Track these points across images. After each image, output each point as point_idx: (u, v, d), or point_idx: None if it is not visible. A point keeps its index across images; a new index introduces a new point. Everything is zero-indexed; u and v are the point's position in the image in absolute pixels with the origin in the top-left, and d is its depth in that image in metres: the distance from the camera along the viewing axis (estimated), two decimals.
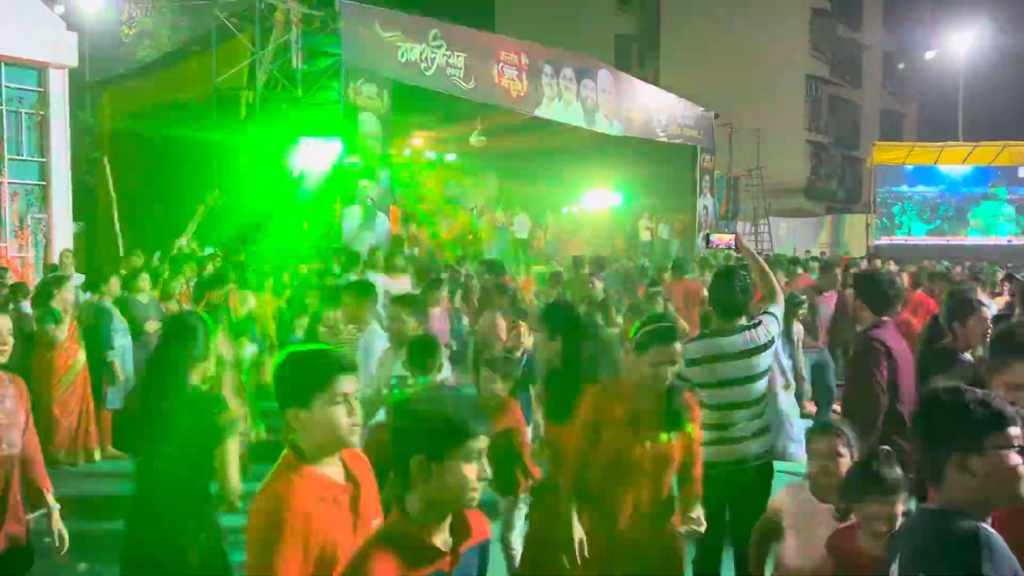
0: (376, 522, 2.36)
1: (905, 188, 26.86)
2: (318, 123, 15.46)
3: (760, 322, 4.14)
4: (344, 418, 2.31)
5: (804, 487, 3.30)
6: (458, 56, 15.58)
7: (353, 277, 9.52)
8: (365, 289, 5.64)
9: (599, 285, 8.92)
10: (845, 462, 3.16)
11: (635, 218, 23.41)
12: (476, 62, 15.94)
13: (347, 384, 2.34)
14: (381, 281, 10.48)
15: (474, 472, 2.09)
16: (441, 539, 2.11)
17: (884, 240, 25.88)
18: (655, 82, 26.84)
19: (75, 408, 7.55)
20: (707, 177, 24.10)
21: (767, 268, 4.42)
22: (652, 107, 21.57)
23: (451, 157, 21.86)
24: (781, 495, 3.43)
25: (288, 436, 2.42)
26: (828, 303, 9.21)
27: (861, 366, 4.15)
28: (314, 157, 14.28)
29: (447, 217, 21.25)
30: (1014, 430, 1.93)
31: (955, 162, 26.63)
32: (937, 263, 17.65)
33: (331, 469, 2.35)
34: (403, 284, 9.91)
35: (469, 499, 2.10)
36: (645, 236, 23.11)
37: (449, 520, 2.13)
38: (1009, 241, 25.67)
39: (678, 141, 22.59)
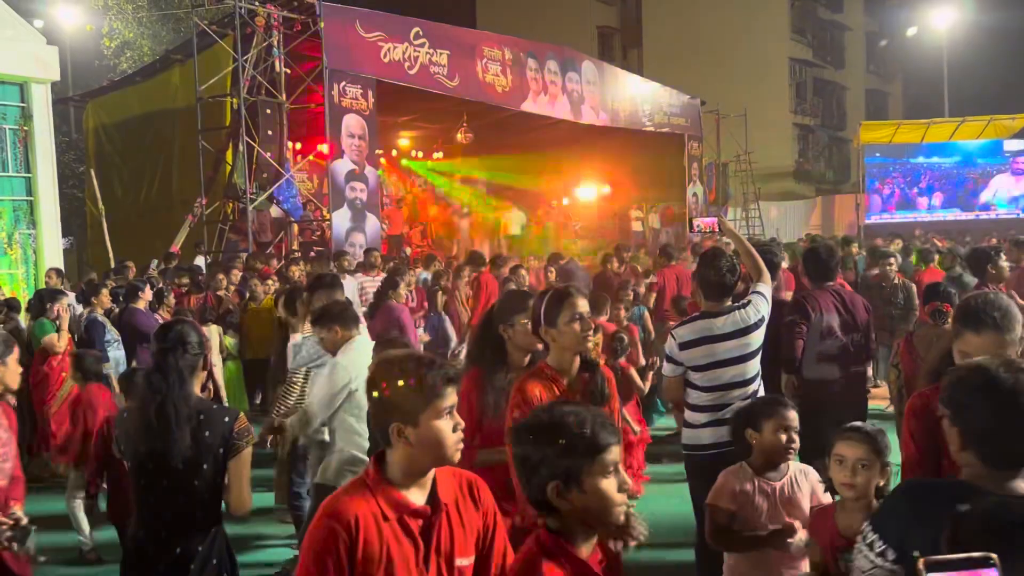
0: (462, 561, 2.17)
1: (896, 165, 26.90)
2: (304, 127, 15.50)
3: (749, 301, 4.16)
4: (451, 434, 2.13)
5: (745, 470, 3.30)
6: (441, 54, 15.58)
7: None
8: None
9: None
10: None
11: (626, 208, 23.43)
12: (459, 59, 15.94)
13: (454, 396, 2.17)
14: (358, 280, 10.52)
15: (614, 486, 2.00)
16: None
17: (875, 219, 25.94)
18: (639, 72, 26.85)
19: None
20: (695, 164, 24.12)
21: (752, 248, 4.44)
22: (637, 97, 21.58)
23: (439, 155, 21.85)
24: (727, 482, 3.33)
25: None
26: None
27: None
28: None
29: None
30: None
31: (942, 138, 26.68)
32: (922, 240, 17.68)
33: (414, 490, 2.15)
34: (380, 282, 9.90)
35: (616, 515, 2.02)
36: (636, 226, 23.15)
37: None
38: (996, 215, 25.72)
39: (665, 130, 22.61)
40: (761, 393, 4.18)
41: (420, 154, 21.96)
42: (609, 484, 1.97)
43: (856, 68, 41.08)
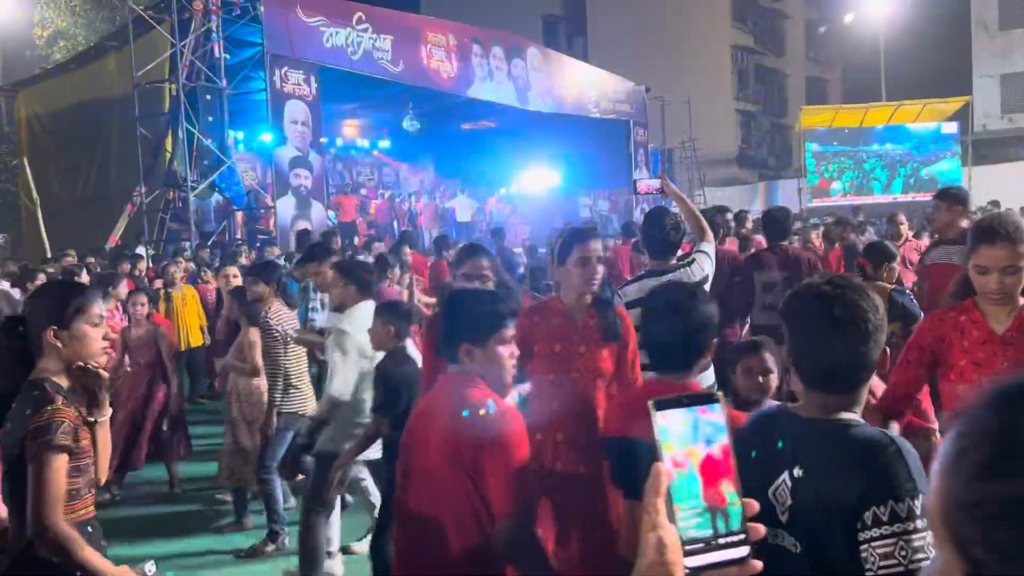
0: None
1: (834, 150, 27.40)
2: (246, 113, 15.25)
3: (694, 260, 4.19)
4: (508, 359, 2.58)
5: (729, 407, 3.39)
6: (384, 39, 15.45)
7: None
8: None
9: None
10: (774, 377, 3.31)
11: (573, 195, 23.52)
12: (403, 45, 15.83)
13: (513, 329, 2.62)
14: None
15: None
16: None
17: (816, 203, 26.41)
18: (584, 60, 26.94)
19: None
20: (641, 151, 24.32)
21: (695, 209, 4.48)
22: (583, 84, 21.67)
23: (386, 142, 21.69)
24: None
25: None
26: None
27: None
28: None
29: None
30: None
31: (880, 122, 27.25)
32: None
33: None
34: None
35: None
36: (584, 213, 23.25)
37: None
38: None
39: (611, 116, 22.74)
40: None
41: (366, 142, 21.76)
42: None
43: (796, 55, 41.78)
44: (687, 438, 0.92)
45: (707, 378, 4.16)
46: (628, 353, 3.55)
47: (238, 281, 7.08)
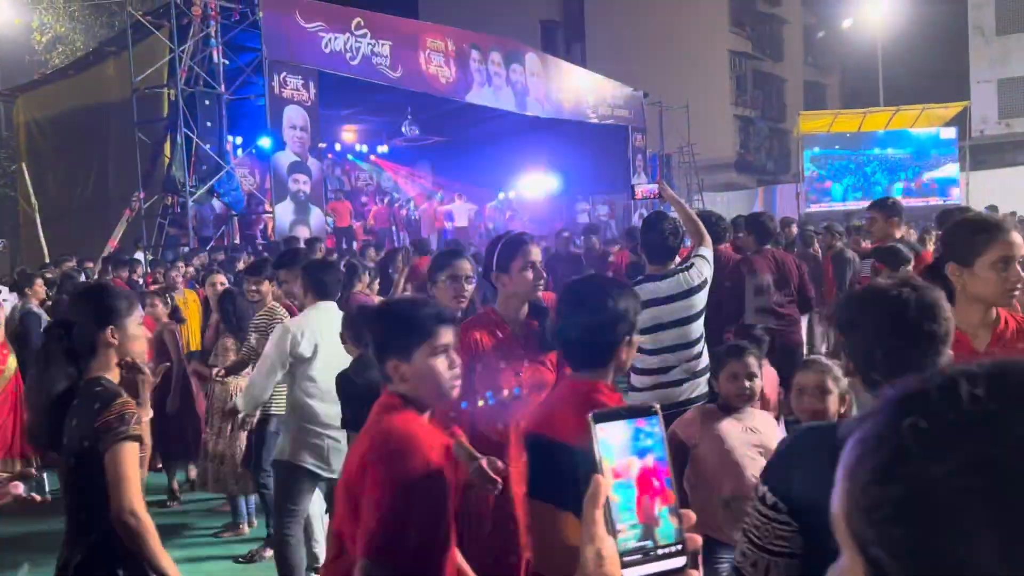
0: None
1: (834, 154, 27.43)
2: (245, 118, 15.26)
3: (692, 264, 4.20)
4: (446, 371, 2.24)
5: (714, 410, 3.41)
6: (383, 44, 15.47)
7: None
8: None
9: None
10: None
11: (572, 200, 23.55)
12: (402, 50, 15.85)
13: (449, 336, 2.28)
14: None
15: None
16: None
17: (814, 207, 26.44)
18: (582, 65, 26.99)
19: (8, 415, 7.32)
20: (640, 156, 24.35)
21: (693, 214, 4.49)
22: (581, 89, 21.69)
23: (384, 147, 21.70)
24: (691, 419, 3.46)
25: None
26: None
27: None
28: None
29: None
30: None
31: (878, 127, 27.29)
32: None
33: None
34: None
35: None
36: (583, 218, 23.25)
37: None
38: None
39: (609, 122, 22.77)
40: (704, 355, 4.23)
41: (364, 147, 21.78)
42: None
43: (795, 61, 41.84)
44: (625, 451, 0.94)
45: (700, 386, 4.18)
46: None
47: (224, 288, 7.07)
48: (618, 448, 0.94)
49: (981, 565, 0.57)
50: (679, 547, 0.92)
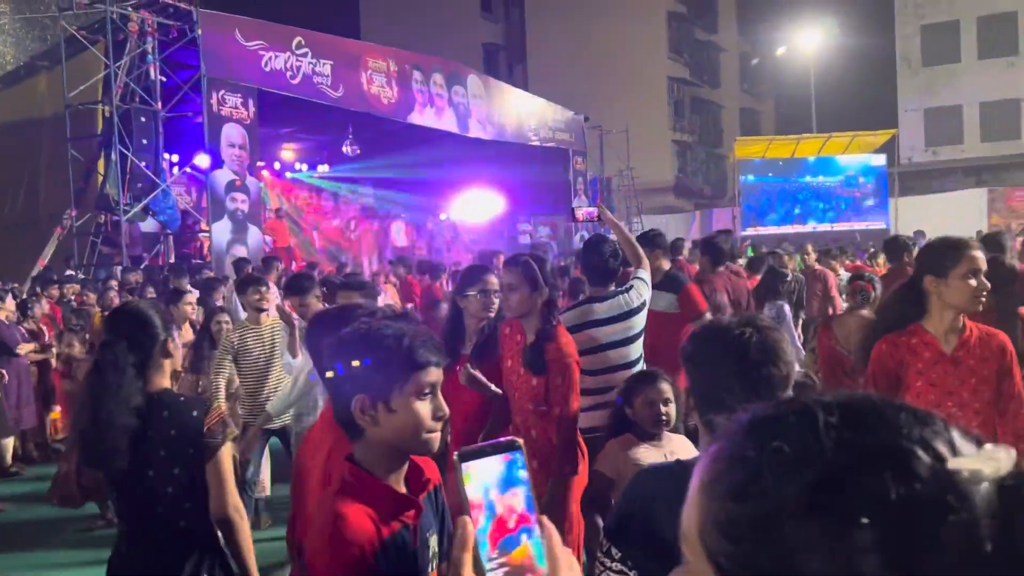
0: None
1: (768, 181, 28.06)
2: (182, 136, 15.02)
3: (632, 286, 4.25)
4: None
5: (631, 439, 3.39)
6: (324, 64, 15.40)
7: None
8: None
9: None
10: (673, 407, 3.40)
11: (514, 221, 23.68)
12: (343, 70, 15.80)
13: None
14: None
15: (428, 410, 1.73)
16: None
17: (751, 231, 26.99)
18: (525, 88, 27.23)
19: None
20: (580, 179, 24.61)
21: (631, 237, 4.56)
22: (523, 112, 21.87)
23: (325, 167, 21.55)
24: (610, 452, 3.42)
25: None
26: None
27: None
28: None
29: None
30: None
31: (811, 153, 28.05)
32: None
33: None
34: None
35: (425, 440, 1.74)
36: (524, 239, 23.38)
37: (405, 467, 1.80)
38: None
39: (551, 145, 22.98)
40: None
41: (304, 166, 21.61)
42: (423, 406, 1.72)
43: (731, 87, 42.85)
44: (491, 488, 0.94)
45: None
46: (555, 381, 3.57)
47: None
48: (484, 486, 0.93)
49: None
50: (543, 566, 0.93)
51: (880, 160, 27.74)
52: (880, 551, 0.60)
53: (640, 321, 4.22)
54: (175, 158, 16.05)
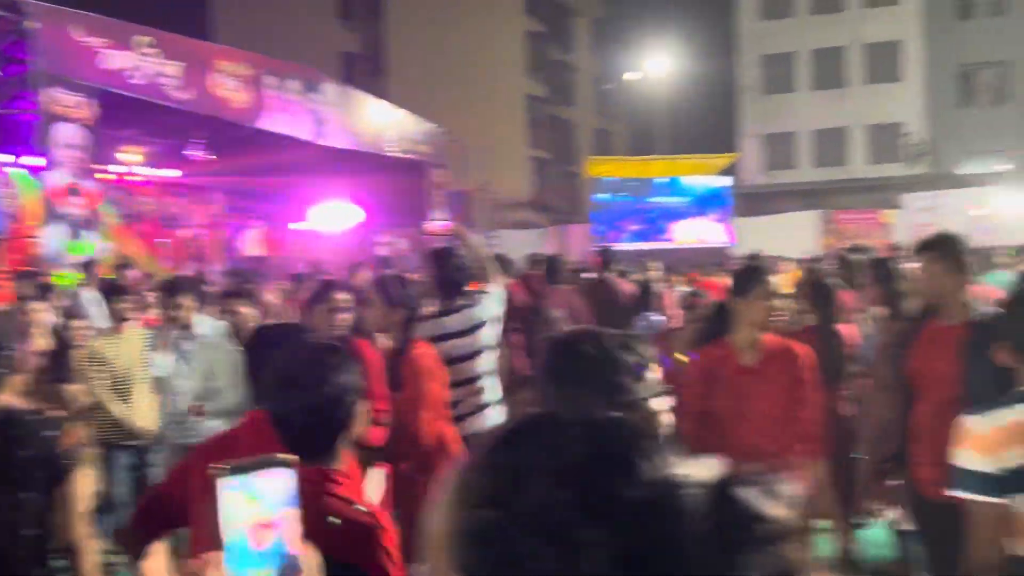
0: None
1: (620, 200, 28.94)
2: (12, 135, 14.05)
3: (480, 300, 4.28)
4: None
5: None
6: (173, 64, 14.78)
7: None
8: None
9: None
10: None
11: (372, 232, 23.40)
12: (192, 71, 15.19)
13: None
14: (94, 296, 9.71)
15: None
16: None
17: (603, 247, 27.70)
18: (384, 99, 27.04)
19: None
20: (440, 192, 24.62)
21: (483, 251, 4.60)
22: (381, 122, 21.69)
23: (172, 171, 20.63)
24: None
25: None
26: None
27: None
28: None
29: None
30: None
31: (659, 174, 29.15)
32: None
33: None
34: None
35: None
36: (382, 250, 23.15)
37: None
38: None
39: (410, 156, 22.88)
40: (492, 389, 4.31)
41: (151, 171, 20.62)
42: None
43: (585, 107, 44.07)
44: (252, 505, 0.92)
45: (488, 419, 4.25)
46: (415, 394, 3.60)
47: None
48: (242, 505, 0.92)
49: None
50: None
51: (725, 181, 29.16)
52: (607, 548, 0.65)
53: (487, 336, 4.25)
54: (11, 159, 14.97)
